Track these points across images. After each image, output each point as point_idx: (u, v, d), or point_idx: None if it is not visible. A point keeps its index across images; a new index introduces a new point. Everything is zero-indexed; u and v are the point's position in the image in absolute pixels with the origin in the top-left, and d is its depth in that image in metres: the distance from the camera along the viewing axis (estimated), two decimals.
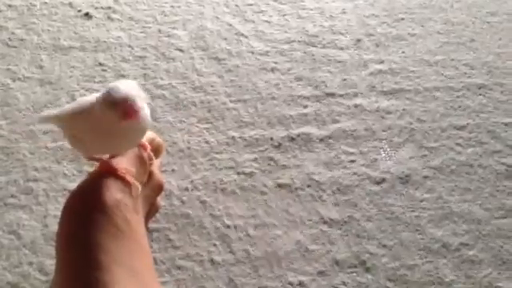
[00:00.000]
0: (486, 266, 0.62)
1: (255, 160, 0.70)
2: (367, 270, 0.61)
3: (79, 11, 0.90)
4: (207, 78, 0.80)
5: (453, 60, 0.84)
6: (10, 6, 0.90)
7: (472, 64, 0.83)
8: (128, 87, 0.45)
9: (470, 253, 0.63)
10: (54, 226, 0.62)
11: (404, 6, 0.93)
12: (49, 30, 0.86)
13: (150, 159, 0.55)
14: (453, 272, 0.61)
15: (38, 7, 0.90)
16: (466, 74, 0.82)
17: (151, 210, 0.58)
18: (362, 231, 0.64)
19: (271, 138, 0.73)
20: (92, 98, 0.48)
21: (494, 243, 0.64)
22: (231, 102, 0.77)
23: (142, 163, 0.54)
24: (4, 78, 0.78)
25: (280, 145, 0.72)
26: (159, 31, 0.87)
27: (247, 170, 0.69)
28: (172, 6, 0.91)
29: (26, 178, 0.66)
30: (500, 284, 0.61)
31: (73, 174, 0.67)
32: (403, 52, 0.85)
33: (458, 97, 0.78)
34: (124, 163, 0.52)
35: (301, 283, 0.60)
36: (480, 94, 0.79)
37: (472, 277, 0.61)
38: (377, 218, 0.65)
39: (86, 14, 0.89)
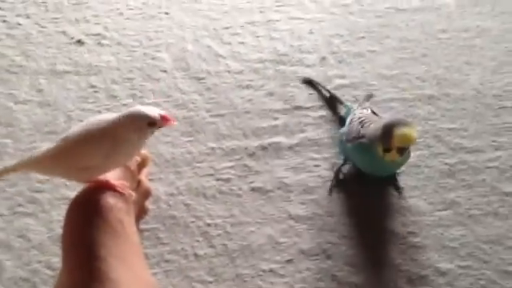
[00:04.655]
0: (429, 250, 0.72)
1: (232, 167, 0.81)
2: (328, 257, 0.72)
3: (72, 38, 0.99)
4: (189, 96, 0.90)
5: (406, 74, 0.94)
6: (8, 35, 1.00)
7: (423, 77, 0.93)
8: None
9: (415, 240, 0.73)
10: (59, 230, 0.71)
11: (365, 25, 1.03)
12: (45, 57, 0.96)
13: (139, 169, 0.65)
14: (400, 256, 0.72)
15: (34, 35, 0.99)
16: (418, 86, 0.92)
17: (141, 213, 0.68)
18: (324, 225, 0.74)
19: (246, 148, 0.83)
20: (82, 128, 0.57)
21: (436, 231, 0.74)
22: (210, 116, 0.87)
23: (131, 173, 0.64)
24: (7, 101, 0.88)
25: (254, 153, 0.82)
26: (144, 54, 0.97)
27: (225, 176, 0.80)
28: (156, 31, 1.01)
29: (31, 189, 0.76)
30: (440, 265, 0.71)
31: (72, 184, 0.76)
32: (363, 67, 0.95)
33: (410, 106, 0.89)
34: (114, 176, 0.62)
35: (271, 270, 0.71)
36: (429, 104, 0.89)
37: (416, 260, 0.71)
38: (337, 213, 0.76)
39: (79, 41, 0.99)
